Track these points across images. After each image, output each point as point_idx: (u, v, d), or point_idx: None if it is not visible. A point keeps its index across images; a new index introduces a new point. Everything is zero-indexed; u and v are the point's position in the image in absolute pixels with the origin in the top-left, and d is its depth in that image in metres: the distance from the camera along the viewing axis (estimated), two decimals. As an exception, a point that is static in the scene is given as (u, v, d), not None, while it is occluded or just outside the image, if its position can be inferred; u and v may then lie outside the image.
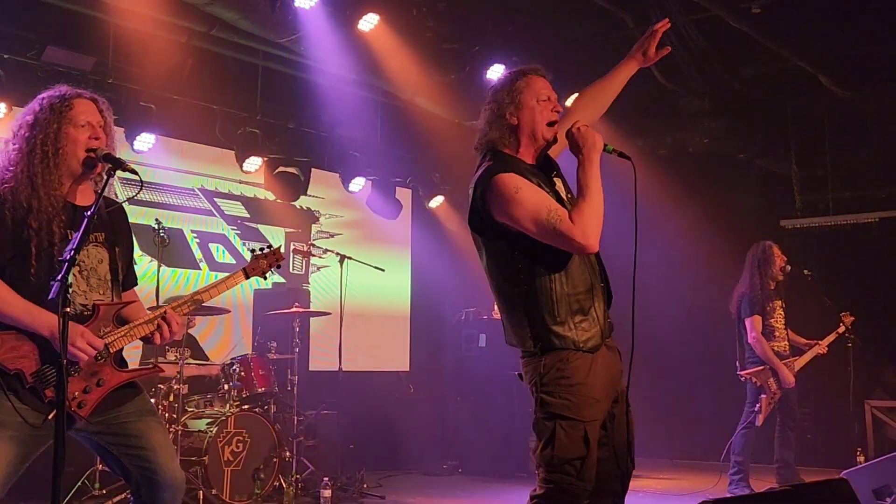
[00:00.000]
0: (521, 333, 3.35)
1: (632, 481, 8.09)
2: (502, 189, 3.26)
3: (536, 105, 3.54)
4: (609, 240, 3.73)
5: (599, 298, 3.46)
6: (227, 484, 6.21)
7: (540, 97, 3.57)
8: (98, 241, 3.26)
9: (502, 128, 3.53)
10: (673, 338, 10.08)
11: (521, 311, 3.34)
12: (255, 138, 7.96)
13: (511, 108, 3.52)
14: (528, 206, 3.22)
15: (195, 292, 3.33)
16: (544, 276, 3.29)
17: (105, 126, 3.26)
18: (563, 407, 3.22)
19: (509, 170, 3.31)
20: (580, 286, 3.34)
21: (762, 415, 6.94)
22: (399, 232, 10.08)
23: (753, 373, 6.95)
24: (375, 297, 9.45)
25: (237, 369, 6.67)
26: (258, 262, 3.54)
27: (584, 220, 3.29)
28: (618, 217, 4.13)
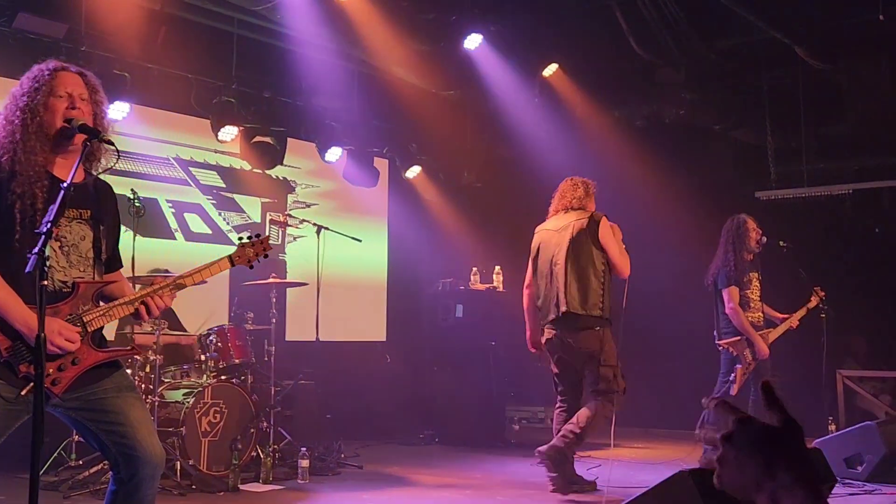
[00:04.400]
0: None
1: (603, 450, 8.18)
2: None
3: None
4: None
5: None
6: (204, 454, 6.19)
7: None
8: (83, 219, 3.22)
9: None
10: (648, 308, 10.11)
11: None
12: (231, 107, 7.87)
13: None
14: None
15: (178, 277, 3.29)
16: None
17: (90, 99, 3.22)
18: None
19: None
20: None
21: (737, 385, 7.01)
22: (376, 202, 10.04)
23: (730, 343, 7.01)
24: (352, 268, 9.42)
25: (214, 340, 6.64)
26: (245, 251, 3.51)
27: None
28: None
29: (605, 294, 6.02)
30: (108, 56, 6.99)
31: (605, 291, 6.02)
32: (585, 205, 6.27)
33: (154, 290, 3.22)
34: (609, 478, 6.46)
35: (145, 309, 3.18)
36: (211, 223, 8.51)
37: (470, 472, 7.19)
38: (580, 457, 7.79)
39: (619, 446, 8.57)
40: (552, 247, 6.22)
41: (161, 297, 3.21)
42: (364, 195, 9.65)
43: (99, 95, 3.28)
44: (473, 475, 7.04)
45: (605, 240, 6.05)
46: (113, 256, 3.38)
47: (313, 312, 7.18)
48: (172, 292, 3.27)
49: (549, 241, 6.26)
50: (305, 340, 7.66)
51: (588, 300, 6.03)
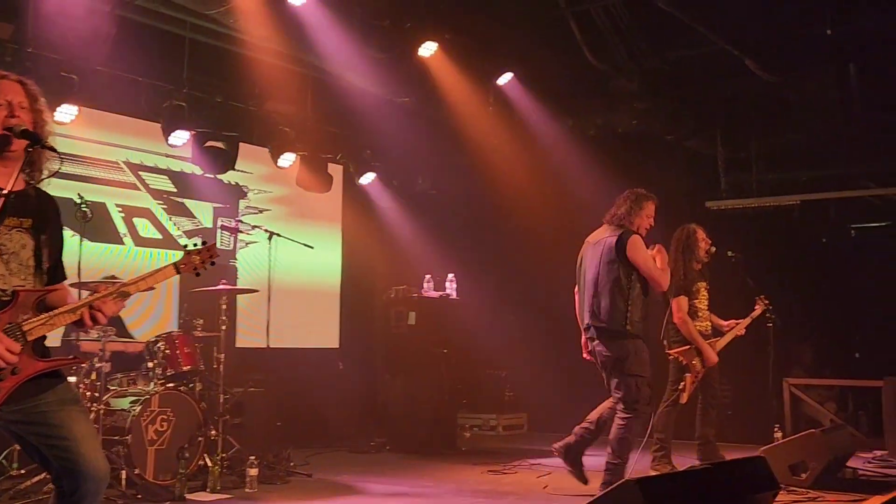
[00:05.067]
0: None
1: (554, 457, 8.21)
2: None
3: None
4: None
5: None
6: (150, 463, 6.11)
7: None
8: (23, 227, 3.16)
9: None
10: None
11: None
12: (182, 111, 7.78)
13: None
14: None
15: (122, 284, 3.25)
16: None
17: (30, 108, 3.18)
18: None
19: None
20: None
21: (686, 393, 7.07)
22: (330, 208, 10.01)
23: (680, 352, 7.07)
24: (305, 274, 9.38)
25: (162, 347, 6.56)
26: (191, 258, 3.46)
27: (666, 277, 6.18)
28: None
29: (630, 309, 6.06)
30: (56, 58, 6.88)
31: (630, 307, 6.06)
32: (629, 221, 6.31)
33: (98, 297, 3.18)
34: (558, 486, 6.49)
35: (89, 316, 3.14)
36: (161, 228, 8.41)
37: (420, 479, 7.19)
38: (532, 464, 7.85)
39: (569, 454, 8.63)
40: (588, 259, 6.36)
41: (106, 305, 3.17)
42: (317, 201, 9.61)
43: (39, 104, 3.23)
44: (424, 483, 7.03)
45: (633, 257, 6.09)
46: (55, 267, 3.31)
47: (264, 319, 7.13)
48: (118, 300, 3.23)
49: (587, 254, 6.39)
50: (256, 347, 7.61)
51: (613, 314, 6.10)
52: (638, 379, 6.06)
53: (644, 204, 6.37)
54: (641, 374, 6.07)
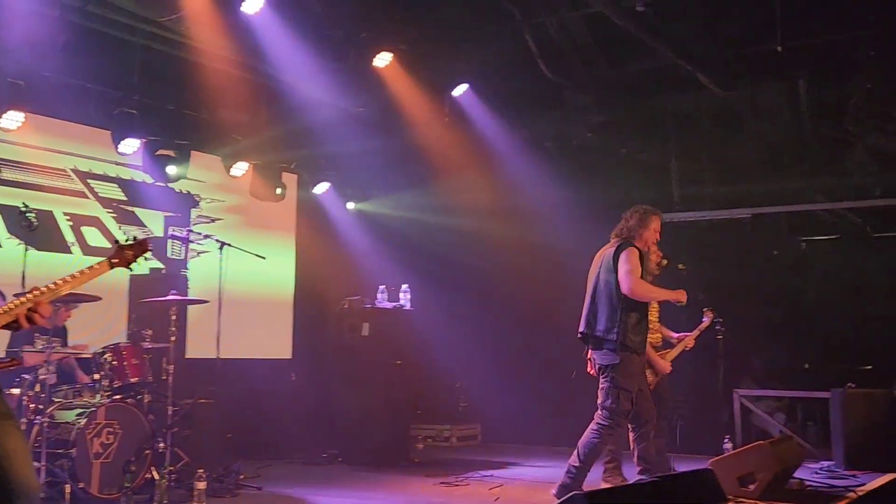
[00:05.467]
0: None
1: (507, 469, 8.21)
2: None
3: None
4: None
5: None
6: (95, 477, 6.01)
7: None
8: None
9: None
10: (554, 328, 10.28)
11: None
12: (133, 119, 7.71)
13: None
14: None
15: (54, 283, 3.19)
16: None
17: None
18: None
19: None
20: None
21: (636, 405, 7.14)
22: (283, 217, 9.95)
23: (630, 365, 7.12)
24: (258, 284, 9.32)
25: (108, 358, 6.46)
26: (123, 253, 3.42)
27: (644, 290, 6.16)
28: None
29: (622, 321, 6.09)
30: (2, 63, 6.77)
31: (622, 318, 6.09)
32: (636, 234, 6.38)
33: (28, 297, 3.12)
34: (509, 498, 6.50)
35: (25, 317, 3.07)
36: (110, 237, 8.29)
37: (372, 491, 7.15)
38: (484, 476, 7.85)
39: (521, 465, 8.67)
40: (591, 272, 6.44)
41: (42, 306, 3.11)
42: (271, 210, 9.56)
43: None
44: (375, 495, 7.00)
45: (618, 263, 6.16)
46: None
47: (216, 329, 7.07)
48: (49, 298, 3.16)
49: (592, 267, 6.46)
50: (207, 358, 7.53)
51: (606, 325, 6.15)
52: (622, 392, 6.08)
53: (650, 218, 6.47)
54: (627, 387, 6.10)
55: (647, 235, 6.42)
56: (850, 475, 7.82)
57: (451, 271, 10.78)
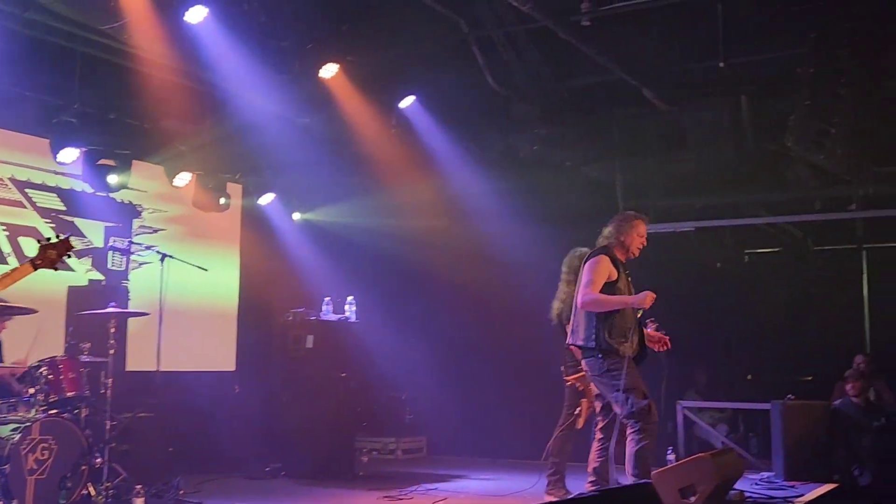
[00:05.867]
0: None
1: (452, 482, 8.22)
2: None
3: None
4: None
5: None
6: (30, 494, 5.89)
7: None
8: None
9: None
10: (501, 339, 10.35)
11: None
12: (73, 127, 7.59)
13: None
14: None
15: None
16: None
17: None
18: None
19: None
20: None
21: (582, 418, 7.18)
22: (227, 228, 9.88)
23: (576, 378, 7.16)
24: (201, 295, 9.23)
25: (44, 372, 6.34)
26: (47, 253, 3.37)
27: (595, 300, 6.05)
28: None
29: (598, 328, 6.07)
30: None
31: (599, 324, 6.08)
32: (614, 240, 6.34)
33: None
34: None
35: None
36: (49, 247, 8.15)
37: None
38: (428, 489, 7.85)
39: (466, 477, 8.68)
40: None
41: None
42: (215, 221, 9.48)
43: None
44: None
45: (583, 269, 6.17)
46: None
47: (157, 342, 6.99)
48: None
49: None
50: (147, 371, 7.44)
51: (584, 333, 6.15)
52: (629, 392, 6.03)
53: (634, 223, 6.39)
54: (631, 385, 6.04)
55: (628, 241, 6.35)
56: (790, 486, 7.96)
57: (397, 283, 10.79)
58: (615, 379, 6.04)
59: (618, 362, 6.05)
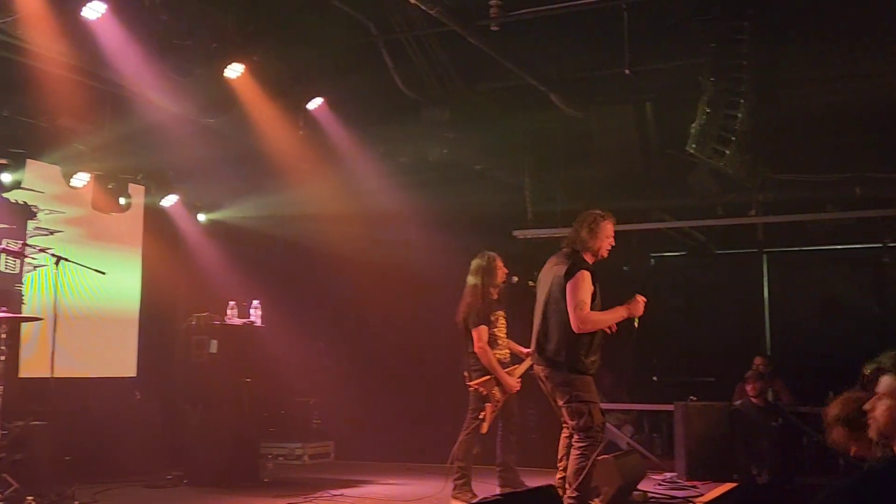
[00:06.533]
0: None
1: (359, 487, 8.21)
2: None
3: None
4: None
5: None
6: (-88, 508, 5.71)
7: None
8: None
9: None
10: (409, 343, 10.39)
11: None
12: (-39, 126, 7.35)
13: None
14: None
15: None
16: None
17: None
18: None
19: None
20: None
21: (486, 423, 7.24)
22: (128, 230, 9.67)
23: (480, 383, 7.23)
24: (100, 299, 9.03)
25: (-71, 381, 6.14)
26: None
27: (591, 320, 5.96)
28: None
29: (574, 343, 5.95)
30: None
31: (575, 340, 5.94)
32: (586, 246, 6.19)
33: None
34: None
35: None
36: (-64, 250, 7.89)
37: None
38: (333, 495, 7.83)
39: (373, 482, 8.68)
40: (541, 283, 6.29)
41: None
42: (115, 223, 9.28)
43: None
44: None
45: (567, 290, 5.97)
46: None
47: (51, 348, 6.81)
48: None
49: (542, 278, 6.31)
50: (41, 377, 7.25)
51: (555, 346, 6.05)
52: (588, 405, 5.99)
53: (601, 225, 6.22)
54: (590, 399, 6.01)
55: (598, 244, 6.19)
56: (691, 486, 8.20)
57: (304, 286, 10.73)
58: (577, 389, 5.99)
59: (583, 376, 6.03)
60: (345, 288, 10.48)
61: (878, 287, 11.85)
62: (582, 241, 6.20)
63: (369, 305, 10.52)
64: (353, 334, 10.83)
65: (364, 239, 10.27)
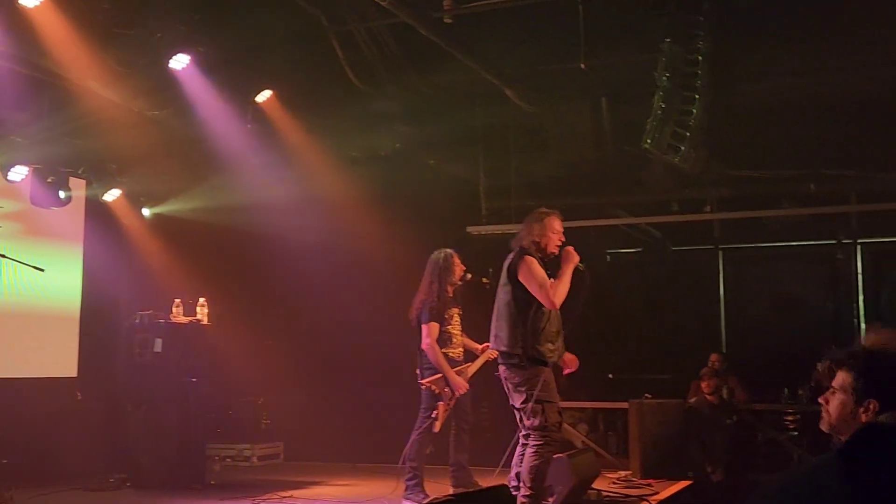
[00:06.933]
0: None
1: (309, 489, 8.15)
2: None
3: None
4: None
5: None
6: None
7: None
8: None
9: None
10: (360, 341, 10.33)
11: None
12: None
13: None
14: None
15: None
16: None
17: None
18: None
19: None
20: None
21: (439, 422, 7.21)
22: (69, 226, 9.48)
23: (432, 381, 7.21)
24: (39, 297, 8.83)
25: None
26: None
27: (558, 291, 5.98)
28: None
29: (525, 332, 5.97)
30: None
31: (526, 330, 5.97)
32: (532, 242, 6.21)
33: None
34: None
35: None
36: None
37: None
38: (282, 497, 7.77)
39: (323, 484, 8.63)
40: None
41: None
42: (55, 218, 9.09)
43: None
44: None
45: (522, 278, 6.01)
46: None
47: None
48: None
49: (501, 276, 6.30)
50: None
51: (510, 339, 6.05)
52: (544, 405, 5.99)
53: (546, 221, 6.28)
54: (549, 399, 6.02)
55: (544, 241, 6.24)
56: (646, 484, 8.27)
57: (252, 283, 10.63)
58: (533, 388, 5.98)
59: (539, 370, 6.02)
60: (295, 284, 10.38)
61: (833, 283, 12.03)
62: (529, 239, 6.27)
63: (320, 302, 10.45)
64: (304, 331, 10.75)
65: (315, 234, 10.19)
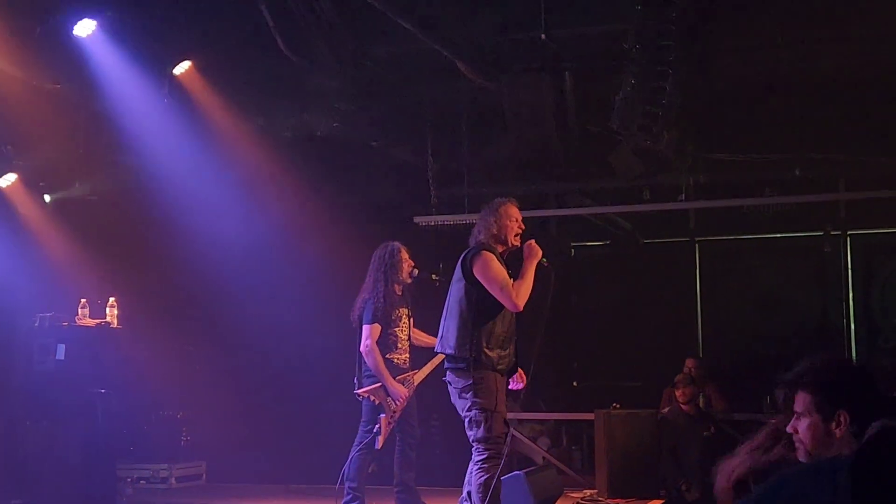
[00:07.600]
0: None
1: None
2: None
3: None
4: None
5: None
6: None
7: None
8: None
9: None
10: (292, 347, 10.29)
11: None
12: None
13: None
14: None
15: None
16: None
17: None
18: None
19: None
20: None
21: (382, 436, 7.17)
22: (-43, 215, 9.36)
23: (371, 391, 7.17)
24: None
25: None
26: None
27: (521, 292, 6.02)
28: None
29: (475, 335, 5.97)
30: None
31: (475, 331, 5.98)
32: (490, 233, 6.22)
33: None
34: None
35: None
36: None
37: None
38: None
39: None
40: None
41: None
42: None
43: None
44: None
45: (479, 276, 6.01)
46: None
47: None
48: None
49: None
50: None
51: (456, 340, 6.05)
52: (489, 414, 5.98)
53: (502, 210, 6.28)
54: (493, 408, 6.00)
55: (503, 232, 6.24)
56: (614, 503, 8.35)
57: (169, 280, 10.53)
58: (477, 396, 6.00)
59: (487, 376, 6.03)
60: (219, 281, 10.30)
61: (820, 279, 12.20)
62: (487, 233, 6.27)
63: (248, 302, 10.38)
64: (229, 337, 10.66)
65: (242, 225, 10.12)
